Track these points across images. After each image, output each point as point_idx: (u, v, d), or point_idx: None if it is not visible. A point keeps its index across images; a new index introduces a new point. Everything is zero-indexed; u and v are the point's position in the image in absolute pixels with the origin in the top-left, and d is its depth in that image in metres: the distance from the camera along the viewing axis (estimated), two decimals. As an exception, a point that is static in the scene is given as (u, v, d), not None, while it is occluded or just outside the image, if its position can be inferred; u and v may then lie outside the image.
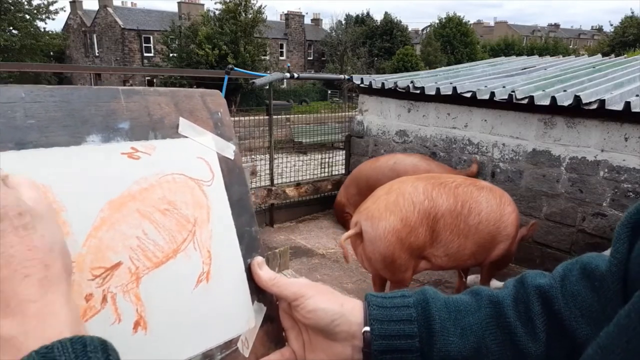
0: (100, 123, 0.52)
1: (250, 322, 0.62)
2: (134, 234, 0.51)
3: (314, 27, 42.91)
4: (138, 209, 0.52)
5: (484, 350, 0.58)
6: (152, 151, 0.56)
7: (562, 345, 0.56)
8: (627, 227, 0.48)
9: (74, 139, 0.49)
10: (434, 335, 0.58)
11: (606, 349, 0.37)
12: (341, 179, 6.44)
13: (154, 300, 0.51)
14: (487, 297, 0.62)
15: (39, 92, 0.48)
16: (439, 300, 0.62)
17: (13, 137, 0.45)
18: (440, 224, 3.20)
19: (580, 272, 0.58)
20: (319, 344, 0.62)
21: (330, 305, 0.60)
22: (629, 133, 3.97)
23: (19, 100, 0.47)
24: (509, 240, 3.43)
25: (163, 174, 0.56)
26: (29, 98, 0.47)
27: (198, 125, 0.62)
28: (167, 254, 0.54)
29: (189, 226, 0.57)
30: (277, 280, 0.62)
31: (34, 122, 0.47)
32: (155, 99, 0.58)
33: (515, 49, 37.27)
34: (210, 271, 0.58)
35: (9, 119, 0.45)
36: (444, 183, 3.31)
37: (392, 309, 0.60)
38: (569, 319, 0.56)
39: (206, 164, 0.61)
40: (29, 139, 0.46)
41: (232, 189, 0.63)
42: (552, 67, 6.37)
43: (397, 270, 3.16)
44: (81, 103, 0.51)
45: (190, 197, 0.58)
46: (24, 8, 26.51)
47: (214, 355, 0.57)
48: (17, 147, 0.44)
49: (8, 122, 0.45)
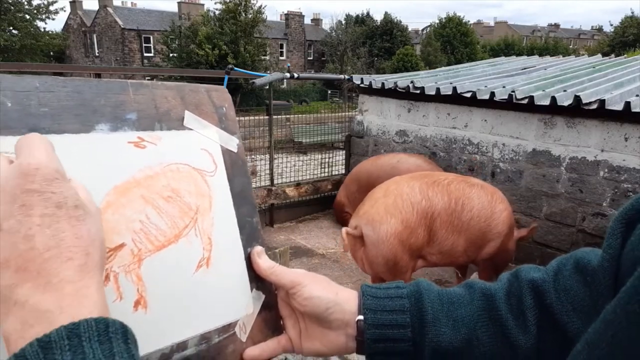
0: (109, 113, 0.55)
1: (249, 308, 0.63)
2: (137, 218, 0.53)
3: (314, 27, 42.93)
4: (142, 194, 0.54)
5: (475, 342, 0.59)
6: (158, 141, 0.58)
7: (553, 338, 0.57)
8: (621, 223, 0.48)
9: (84, 127, 0.52)
10: (426, 326, 0.60)
11: (593, 344, 0.38)
12: (341, 179, 6.44)
13: (154, 281, 0.53)
14: (480, 290, 0.63)
15: (53, 83, 0.51)
16: (432, 292, 0.63)
17: (27, 123, 0.48)
18: (437, 223, 3.23)
19: (573, 266, 0.59)
20: (314, 332, 0.63)
21: (326, 293, 0.62)
22: (629, 133, 3.97)
23: (34, 89, 0.50)
24: (500, 239, 3.42)
25: (168, 163, 0.58)
26: (42, 88, 0.50)
27: (203, 118, 0.64)
28: (169, 239, 0.56)
29: (191, 213, 0.58)
30: (275, 269, 0.63)
31: (47, 110, 0.50)
32: (162, 93, 0.61)
33: (515, 49, 37.28)
34: (210, 257, 0.60)
35: (24, 107, 0.48)
36: (437, 181, 3.33)
37: (386, 299, 0.62)
38: (561, 312, 0.56)
39: (210, 155, 0.63)
40: (41, 125, 0.49)
41: (235, 181, 0.65)
42: (552, 67, 6.37)
43: (399, 272, 3.17)
44: (92, 94, 0.54)
45: (194, 186, 0.60)
46: (24, 8, 26.52)
47: (211, 337, 0.58)
48: (30, 132, 0.47)
49: (23, 109, 0.48)
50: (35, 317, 0.37)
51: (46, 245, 0.38)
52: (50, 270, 0.38)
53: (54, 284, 0.38)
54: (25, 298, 0.37)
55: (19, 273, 0.37)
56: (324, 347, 0.63)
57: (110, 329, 0.37)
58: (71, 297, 0.38)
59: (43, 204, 0.39)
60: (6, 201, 0.39)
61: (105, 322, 0.38)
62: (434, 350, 0.59)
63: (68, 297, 0.38)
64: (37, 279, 0.38)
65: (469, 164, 5.16)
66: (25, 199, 0.39)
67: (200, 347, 0.57)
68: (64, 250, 0.39)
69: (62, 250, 0.39)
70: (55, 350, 0.34)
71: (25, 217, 0.38)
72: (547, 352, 0.57)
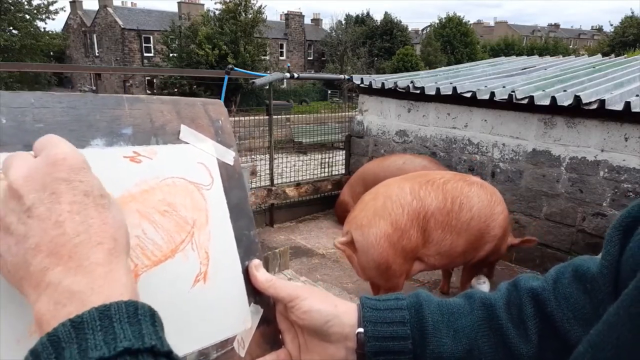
0: (105, 128, 0.55)
1: (247, 322, 0.62)
2: (133, 233, 0.52)
3: (314, 27, 42.92)
4: (138, 209, 0.54)
5: (476, 352, 0.59)
6: (153, 155, 0.58)
7: (555, 347, 0.57)
8: (619, 230, 0.48)
9: (79, 142, 0.52)
10: (427, 337, 0.59)
11: (597, 346, 0.38)
12: (341, 179, 6.44)
13: (151, 297, 0.52)
14: (480, 300, 0.63)
15: (48, 99, 0.52)
16: (432, 303, 0.63)
17: (22, 139, 0.48)
18: (431, 223, 3.13)
19: (572, 274, 0.59)
20: (313, 346, 0.63)
21: (325, 306, 0.62)
22: (629, 133, 3.97)
23: (29, 105, 0.50)
24: (494, 242, 3.37)
25: (163, 177, 0.58)
26: (38, 104, 0.51)
27: (199, 132, 0.64)
28: (166, 254, 0.55)
29: (187, 227, 0.58)
30: (273, 282, 0.63)
31: (42, 125, 0.50)
32: (157, 107, 0.61)
33: (515, 49, 37.27)
34: (207, 272, 0.59)
35: (19, 123, 0.49)
36: (431, 180, 3.23)
37: (386, 311, 0.61)
38: (561, 320, 0.56)
39: (206, 168, 0.63)
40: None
41: (231, 194, 0.65)
42: (552, 67, 6.37)
43: (392, 276, 3.09)
44: (87, 109, 0.54)
45: (190, 200, 0.59)
46: (24, 8, 26.47)
47: (209, 353, 0.58)
48: (25, 148, 0.47)
49: (18, 126, 0.49)
50: (68, 297, 0.38)
51: (76, 231, 0.40)
52: (81, 254, 0.40)
53: (85, 267, 0.39)
54: (58, 280, 0.39)
55: (50, 257, 0.39)
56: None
57: (139, 311, 0.39)
58: (102, 279, 0.40)
59: (72, 192, 0.41)
60: (36, 189, 0.40)
61: (135, 305, 0.39)
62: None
63: (99, 279, 0.40)
64: (68, 262, 0.39)
65: (469, 164, 5.16)
66: (55, 187, 0.41)
67: None
68: (93, 235, 0.41)
69: (91, 235, 0.41)
70: (87, 330, 0.36)
71: (55, 205, 0.40)
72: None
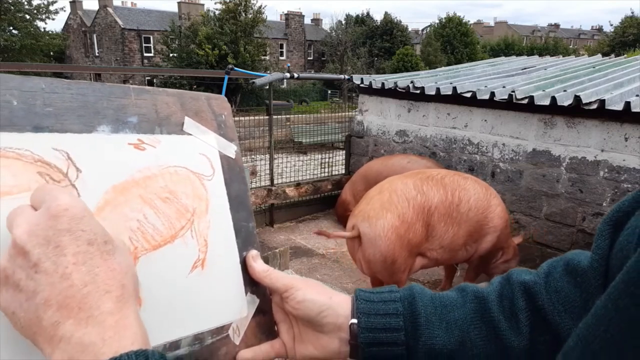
0: (111, 115, 0.56)
1: (243, 311, 0.64)
2: (135, 217, 0.54)
3: (314, 27, 42.92)
4: (140, 194, 0.56)
5: (469, 344, 0.60)
6: (157, 144, 0.59)
7: (546, 339, 0.58)
8: (609, 224, 0.49)
9: (86, 127, 0.54)
10: (419, 329, 0.60)
11: (585, 339, 0.39)
12: (341, 179, 6.44)
13: (149, 280, 0.54)
14: (473, 293, 0.64)
15: (58, 84, 0.53)
16: (425, 296, 0.64)
17: (32, 121, 0.50)
18: (435, 217, 3.22)
19: (563, 268, 0.60)
20: (307, 336, 0.64)
21: (319, 297, 0.63)
22: (629, 133, 3.97)
23: (40, 90, 0.51)
24: (496, 233, 3.45)
25: (166, 165, 0.59)
26: (48, 89, 0.52)
27: (202, 125, 0.66)
28: (165, 239, 0.57)
29: (187, 215, 0.60)
30: (269, 272, 0.64)
31: (52, 110, 0.52)
32: (163, 98, 0.63)
33: (515, 49, 37.28)
34: (205, 259, 0.60)
35: (29, 106, 0.50)
36: (431, 176, 3.34)
37: (379, 303, 0.62)
38: (552, 313, 0.57)
39: (208, 160, 0.64)
40: (45, 124, 0.51)
41: (232, 186, 0.66)
42: (552, 67, 6.37)
43: (397, 270, 3.15)
44: (95, 97, 0.56)
45: (191, 189, 0.61)
46: (24, 8, 26.50)
47: (204, 338, 0.59)
48: (34, 130, 0.49)
49: (29, 108, 0.50)
50: (80, 350, 0.39)
51: (83, 281, 0.41)
52: (90, 304, 0.40)
53: (95, 317, 0.40)
54: (70, 334, 0.39)
55: (61, 310, 0.40)
56: (318, 351, 0.63)
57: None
58: (113, 329, 0.40)
59: (75, 242, 0.41)
60: (40, 244, 0.40)
61: (145, 354, 0.40)
62: (427, 353, 0.59)
63: (110, 329, 0.40)
64: (78, 314, 0.40)
65: (469, 164, 5.16)
66: (58, 240, 0.41)
67: (193, 347, 0.58)
68: (101, 284, 0.41)
69: (98, 284, 0.41)
70: None
71: (60, 257, 0.41)
72: (540, 352, 0.58)
